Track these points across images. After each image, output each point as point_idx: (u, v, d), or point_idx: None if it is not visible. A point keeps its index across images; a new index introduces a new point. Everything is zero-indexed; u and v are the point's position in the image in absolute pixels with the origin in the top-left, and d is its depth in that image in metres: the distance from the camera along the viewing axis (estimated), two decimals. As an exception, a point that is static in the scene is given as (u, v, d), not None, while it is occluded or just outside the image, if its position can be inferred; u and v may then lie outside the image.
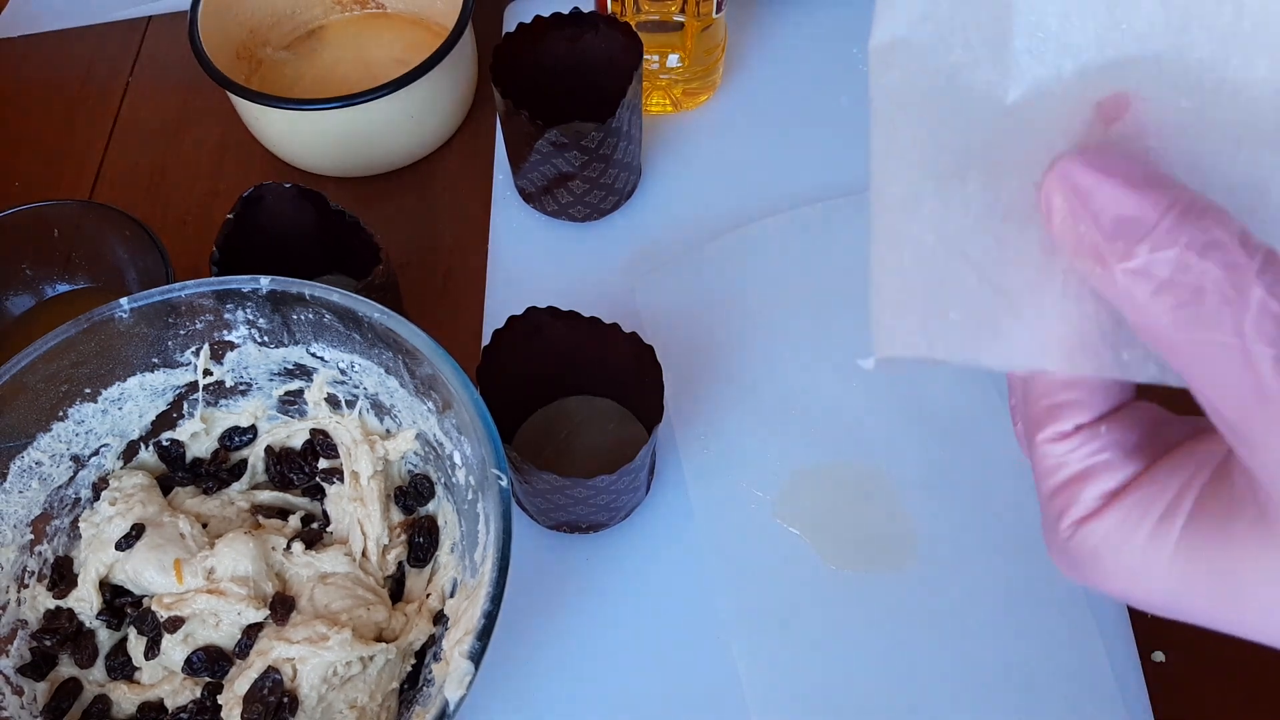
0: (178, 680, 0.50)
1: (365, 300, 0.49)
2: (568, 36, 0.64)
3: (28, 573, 0.51)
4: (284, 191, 0.58)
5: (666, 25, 0.66)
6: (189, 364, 0.53)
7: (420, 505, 0.54)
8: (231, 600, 0.49)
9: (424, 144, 0.71)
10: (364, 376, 0.53)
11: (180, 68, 0.78)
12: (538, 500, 0.53)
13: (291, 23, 0.76)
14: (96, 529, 0.51)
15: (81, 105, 0.77)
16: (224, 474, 0.56)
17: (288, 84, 0.74)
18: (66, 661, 0.51)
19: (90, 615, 0.51)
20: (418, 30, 0.77)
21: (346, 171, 0.70)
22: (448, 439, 0.50)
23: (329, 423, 0.55)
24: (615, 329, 0.52)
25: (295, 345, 0.53)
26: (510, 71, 0.61)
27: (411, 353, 0.48)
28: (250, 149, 0.73)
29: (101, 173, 0.74)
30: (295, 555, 0.51)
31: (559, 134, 0.59)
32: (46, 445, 0.51)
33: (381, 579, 0.52)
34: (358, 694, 0.48)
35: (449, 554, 0.52)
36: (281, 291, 0.50)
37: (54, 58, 0.80)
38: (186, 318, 0.52)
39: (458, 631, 0.44)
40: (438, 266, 0.67)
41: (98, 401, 0.52)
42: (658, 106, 0.72)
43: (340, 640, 0.47)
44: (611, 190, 0.65)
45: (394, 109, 0.66)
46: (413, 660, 0.50)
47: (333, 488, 0.54)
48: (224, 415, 0.56)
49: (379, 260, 0.57)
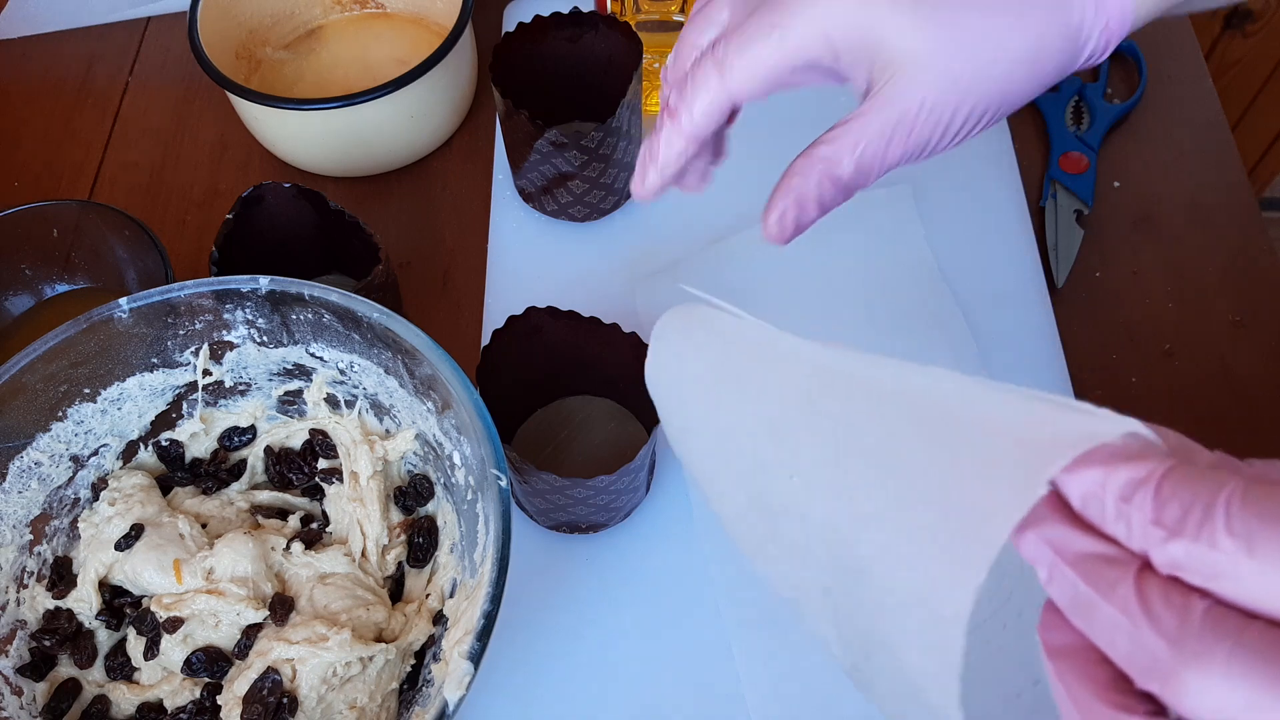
0: (177, 681, 0.50)
1: (364, 300, 0.49)
2: (567, 36, 0.64)
3: (27, 573, 0.51)
4: (283, 191, 0.58)
5: (666, 25, 0.66)
6: (188, 364, 0.53)
7: (420, 505, 0.54)
8: (231, 601, 0.49)
9: (424, 144, 0.71)
10: (363, 376, 0.53)
11: (180, 68, 0.78)
12: (537, 500, 0.53)
13: (291, 23, 0.76)
14: (96, 529, 0.51)
15: (81, 105, 0.77)
16: (223, 474, 0.56)
17: (287, 84, 0.74)
18: (66, 662, 0.51)
19: (89, 615, 0.51)
20: (417, 30, 0.77)
21: (346, 171, 0.70)
22: (447, 439, 0.50)
23: (328, 423, 0.55)
24: (615, 329, 0.52)
25: (294, 345, 0.53)
26: (510, 71, 0.61)
27: (411, 353, 0.48)
28: (250, 149, 0.73)
29: (101, 173, 0.74)
30: (295, 555, 0.51)
31: (559, 134, 0.59)
32: (46, 445, 0.51)
33: (381, 579, 0.52)
34: (357, 694, 0.48)
35: (448, 554, 0.52)
36: (281, 291, 0.50)
37: (54, 58, 0.80)
38: (186, 318, 0.52)
39: (457, 632, 0.44)
40: (437, 266, 0.67)
41: (97, 401, 0.52)
42: (657, 106, 0.72)
43: (340, 641, 0.47)
44: (611, 190, 0.65)
45: (394, 109, 0.66)
46: (412, 660, 0.50)
47: (332, 488, 0.54)
48: (223, 415, 0.56)
49: (378, 260, 0.57)
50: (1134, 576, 0.19)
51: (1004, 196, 0.67)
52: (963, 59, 0.34)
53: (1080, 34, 0.35)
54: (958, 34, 0.34)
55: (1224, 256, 0.65)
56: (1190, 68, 0.73)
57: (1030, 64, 0.35)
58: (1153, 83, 0.72)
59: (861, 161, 0.36)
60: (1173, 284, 0.64)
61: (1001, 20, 0.34)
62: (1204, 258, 0.65)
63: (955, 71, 0.34)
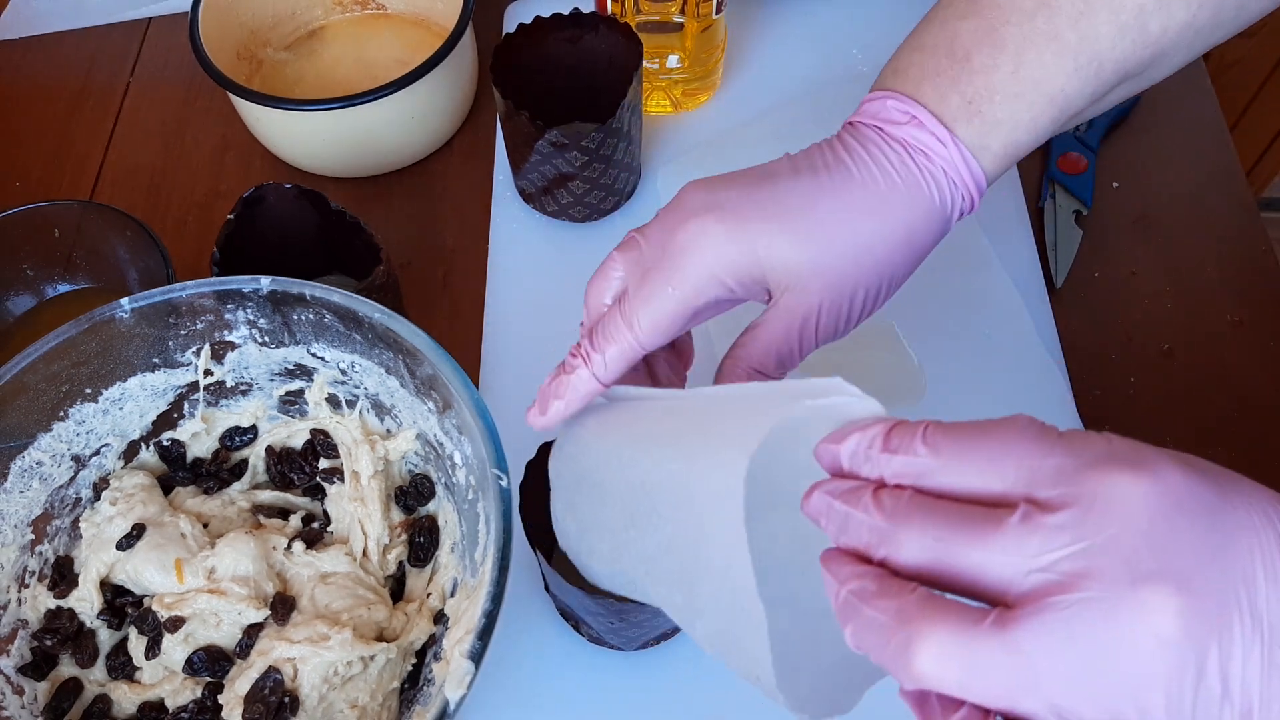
0: (178, 680, 0.50)
1: (365, 300, 0.49)
2: (568, 37, 0.64)
3: (28, 572, 0.51)
4: (284, 192, 0.58)
5: (666, 26, 0.66)
6: (190, 364, 0.53)
7: (421, 505, 0.54)
8: (232, 600, 0.49)
9: (424, 144, 0.71)
10: (364, 376, 0.53)
11: (181, 68, 0.78)
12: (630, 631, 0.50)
13: (292, 23, 0.76)
14: (97, 529, 0.51)
15: (82, 106, 0.77)
16: (225, 474, 0.56)
17: (288, 84, 0.74)
18: (67, 661, 0.51)
19: (91, 615, 0.51)
20: (418, 30, 0.77)
21: (347, 172, 0.71)
22: (448, 439, 0.50)
23: (329, 423, 0.55)
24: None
25: (296, 345, 0.53)
26: (510, 72, 0.61)
27: (412, 353, 0.48)
28: (251, 149, 0.73)
29: (102, 173, 0.74)
30: (296, 555, 0.51)
31: (559, 134, 0.59)
32: (47, 445, 0.51)
33: (382, 579, 0.52)
34: (358, 694, 0.48)
35: (449, 553, 0.52)
36: (282, 292, 0.50)
37: (55, 59, 0.80)
38: (187, 318, 0.52)
39: (458, 631, 0.44)
40: (438, 266, 0.67)
41: (98, 401, 0.52)
42: (658, 107, 0.72)
43: (341, 640, 0.47)
44: (611, 190, 0.65)
45: (394, 109, 0.66)
46: (413, 660, 0.50)
47: (333, 487, 0.54)
48: (225, 415, 0.56)
49: (379, 260, 0.57)
50: (871, 490, 0.29)
51: (1003, 197, 0.67)
52: (844, 262, 0.39)
53: (945, 209, 0.40)
54: (833, 246, 0.39)
55: (1223, 256, 0.65)
56: (1189, 68, 0.72)
57: (906, 246, 0.40)
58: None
59: (780, 359, 0.41)
60: (1172, 284, 0.64)
61: (868, 224, 0.39)
62: (1203, 258, 0.65)
63: (840, 272, 0.39)
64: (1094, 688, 0.25)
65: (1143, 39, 0.39)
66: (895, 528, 0.28)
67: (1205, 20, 0.40)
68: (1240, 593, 0.25)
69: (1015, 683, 0.25)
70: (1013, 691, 0.25)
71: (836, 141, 0.42)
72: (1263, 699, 0.25)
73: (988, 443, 0.28)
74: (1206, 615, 0.24)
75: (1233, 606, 0.25)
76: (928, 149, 0.40)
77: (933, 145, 0.40)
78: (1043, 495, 0.26)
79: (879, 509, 0.28)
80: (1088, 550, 0.25)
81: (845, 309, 0.40)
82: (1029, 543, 0.26)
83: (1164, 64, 0.42)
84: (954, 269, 0.64)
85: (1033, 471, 0.27)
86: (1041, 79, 0.39)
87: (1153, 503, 0.25)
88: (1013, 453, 0.27)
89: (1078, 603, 0.25)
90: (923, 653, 0.26)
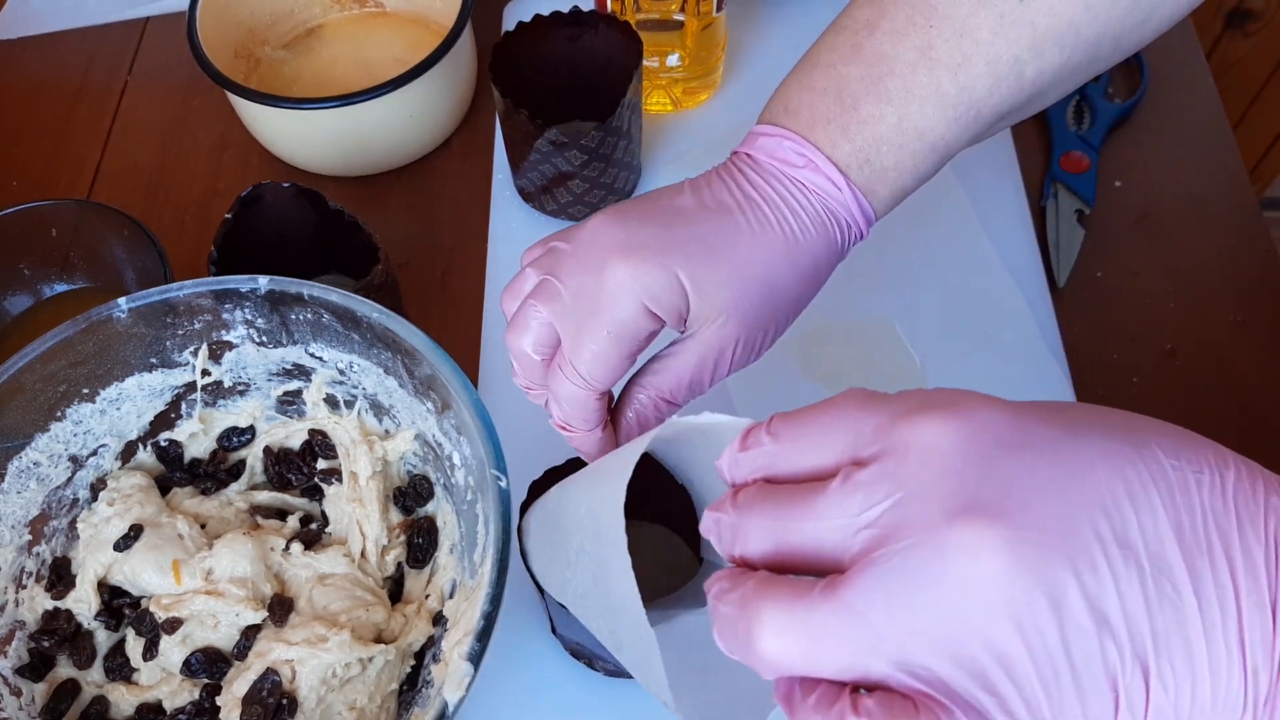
0: (176, 681, 0.49)
1: (364, 300, 0.49)
2: (567, 35, 0.63)
3: (25, 573, 0.51)
4: (282, 191, 0.58)
5: (666, 24, 0.66)
6: (187, 364, 0.53)
7: (419, 506, 0.54)
8: (230, 601, 0.49)
9: (423, 144, 0.71)
10: (363, 377, 0.53)
11: (178, 67, 0.78)
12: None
13: (290, 22, 0.76)
14: (95, 530, 0.51)
15: (80, 105, 0.77)
16: (222, 474, 0.56)
17: (286, 83, 0.74)
18: (65, 662, 0.51)
19: (88, 616, 0.51)
20: (417, 29, 0.76)
21: (346, 171, 0.70)
22: (447, 439, 0.50)
23: (328, 423, 0.55)
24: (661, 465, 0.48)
25: (294, 345, 0.53)
26: (510, 71, 0.61)
27: (410, 353, 0.48)
28: (249, 148, 0.73)
29: (100, 172, 0.73)
30: (294, 556, 0.51)
31: (559, 133, 0.59)
32: (44, 445, 0.51)
33: (380, 580, 0.52)
34: (357, 695, 0.48)
35: (448, 555, 0.52)
36: (280, 291, 0.50)
37: (52, 58, 0.80)
38: (185, 318, 0.51)
39: (457, 632, 0.44)
40: (437, 266, 0.67)
41: (96, 402, 0.52)
42: (658, 106, 0.72)
43: (339, 641, 0.47)
44: (611, 190, 0.65)
45: (393, 108, 0.66)
46: (412, 661, 0.50)
47: (331, 488, 0.54)
48: (222, 415, 0.56)
49: (378, 260, 0.57)
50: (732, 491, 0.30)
51: (1005, 196, 0.67)
52: (762, 300, 0.41)
53: (843, 245, 0.43)
54: (751, 286, 0.41)
55: (1225, 256, 0.65)
56: (1191, 67, 0.73)
57: (813, 281, 0.43)
58: (1154, 82, 0.72)
59: (692, 387, 0.43)
60: (1174, 283, 0.64)
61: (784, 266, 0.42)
62: (1205, 257, 0.65)
63: (758, 309, 0.41)
64: (934, 635, 0.24)
65: (1019, 85, 0.41)
66: (742, 520, 0.28)
67: (1081, 59, 0.42)
68: (1100, 521, 0.24)
69: (856, 646, 0.25)
70: (856, 655, 0.25)
71: (740, 177, 0.43)
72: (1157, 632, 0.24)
73: (821, 419, 0.28)
74: (1046, 545, 0.24)
75: (1089, 536, 0.24)
76: (825, 193, 0.42)
77: (829, 190, 0.42)
78: (864, 455, 0.27)
79: (734, 507, 0.29)
80: (904, 499, 0.25)
81: (759, 342, 0.43)
82: (850, 502, 0.26)
83: (1042, 101, 0.44)
84: (955, 269, 0.63)
85: (857, 435, 0.27)
86: (925, 129, 0.42)
87: (963, 443, 0.26)
88: (841, 423, 0.28)
89: (899, 552, 0.25)
90: (763, 634, 0.26)
